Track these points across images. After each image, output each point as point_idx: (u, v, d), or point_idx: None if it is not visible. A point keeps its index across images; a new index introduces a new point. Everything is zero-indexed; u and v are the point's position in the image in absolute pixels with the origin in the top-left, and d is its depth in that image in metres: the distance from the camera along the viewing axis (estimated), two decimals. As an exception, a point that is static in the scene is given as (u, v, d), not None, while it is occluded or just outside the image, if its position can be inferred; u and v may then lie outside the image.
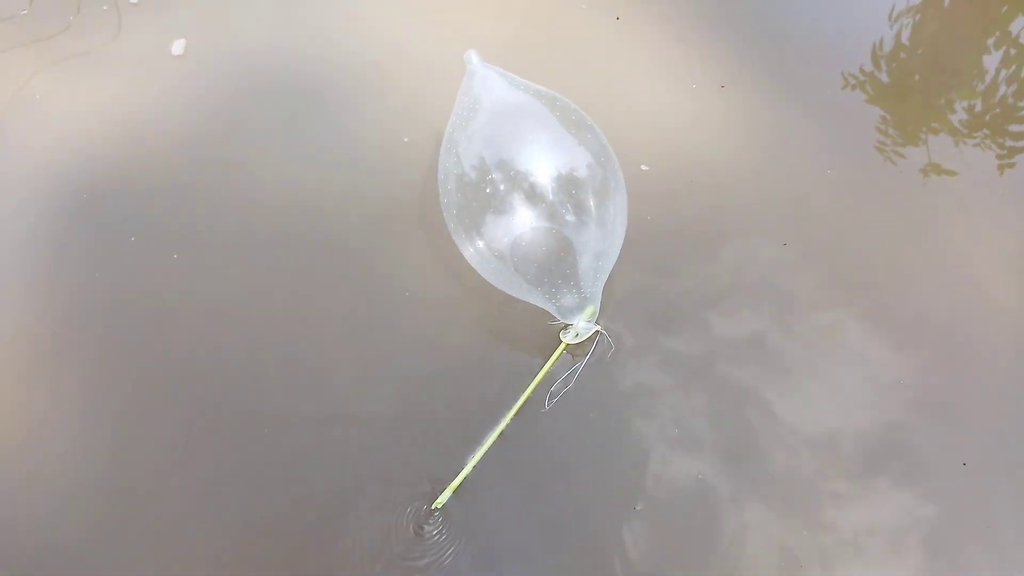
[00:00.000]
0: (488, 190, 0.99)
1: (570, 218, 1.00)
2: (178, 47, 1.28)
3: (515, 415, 0.98)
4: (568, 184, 1.00)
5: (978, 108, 1.33)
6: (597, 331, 1.02)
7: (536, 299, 1.01)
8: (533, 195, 0.99)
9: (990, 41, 1.40)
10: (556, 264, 1.00)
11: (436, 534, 0.90)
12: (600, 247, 1.01)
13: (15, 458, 0.94)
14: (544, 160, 0.99)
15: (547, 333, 1.03)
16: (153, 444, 0.96)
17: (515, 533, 0.93)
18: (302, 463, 0.95)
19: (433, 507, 0.91)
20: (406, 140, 1.20)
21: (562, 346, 1.02)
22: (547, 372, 1.00)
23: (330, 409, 0.98)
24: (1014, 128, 1.30)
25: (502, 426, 0.97)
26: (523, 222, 0.99)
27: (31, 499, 0.92)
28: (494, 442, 0.96)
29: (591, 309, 1.01)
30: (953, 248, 1.17)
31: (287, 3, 1.33)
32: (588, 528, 0.94)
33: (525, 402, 0.99)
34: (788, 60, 1.34)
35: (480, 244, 1.00)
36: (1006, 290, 1.13)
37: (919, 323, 1.10)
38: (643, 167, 1.19)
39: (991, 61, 1.37)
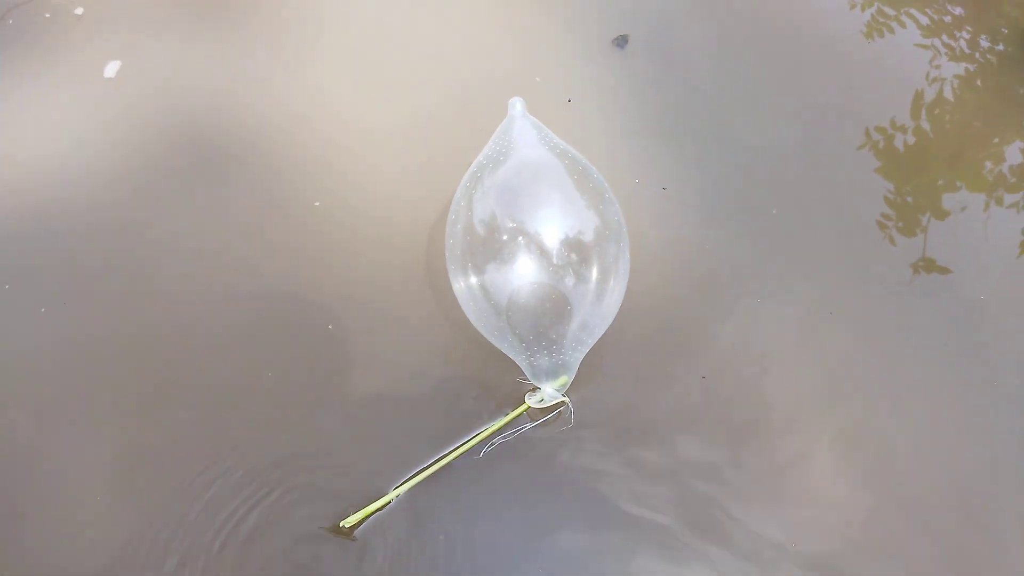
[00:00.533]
0: (503, 237, 0.97)
1: (570, 281, 0.97)
2: (112, 69, 1.21)
3: (456, 459, 0.95)
4: (576, 249, 0.98)
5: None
6: (563, 402, 1.00)
7: (514, 352, 0.98)
8: (540, 253, 0.97)
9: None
10: (545, 322, 0.97)
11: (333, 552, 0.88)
12: (590, 319, 0.99)
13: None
14: (557, 223, 0.98)
15: (514, 390, 1.00)
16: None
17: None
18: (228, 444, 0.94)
19: (341, 524, 0.89)
20: (317, 204, 1.14)
21: (523, 407, 0.99)
22: (499, 428, 0.98)
23: (269, 402, 0.97)
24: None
25: (433, 467, 0.94)
26: (524, 275, 0.97)
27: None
28: (420, 480, 0.93)
29: (564, 379, 0.98)
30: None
31: (234, 46, 1.28)
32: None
33: (468, 449, 0.96)
34: (729, 172, 1.24)
35: (474, 282, 0.98)
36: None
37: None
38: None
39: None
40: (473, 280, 0.97)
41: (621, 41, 1.28)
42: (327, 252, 1.10)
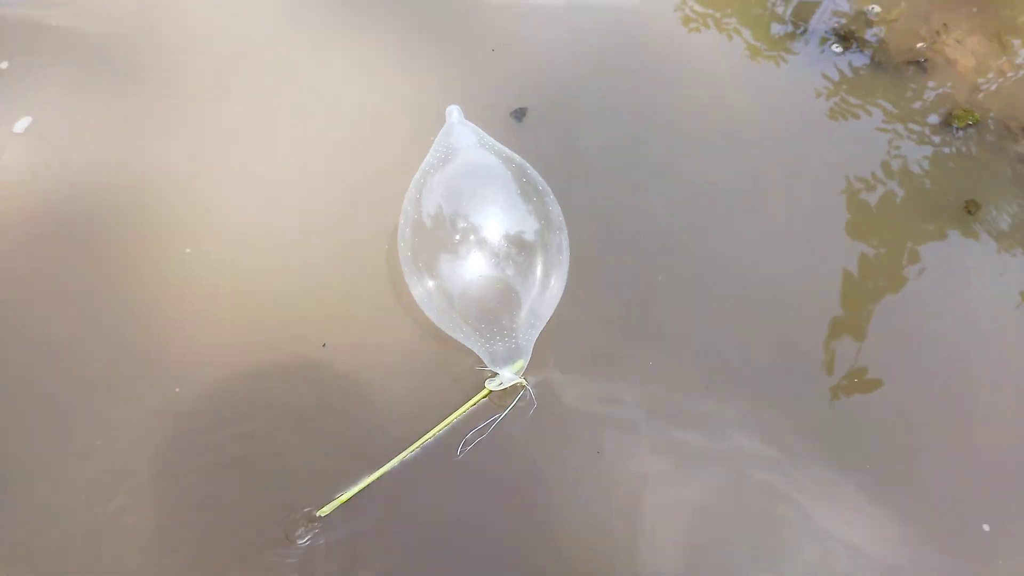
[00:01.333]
0: (453, 236, 1.05)
1: (511, 273, 1.04)
2: (21, 125, 1.26)
3: (425, 447, 1.02)
4: (519, 244, 1.05)
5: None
6: (522, 384, 1.05)
7: (471, 341, 1.05)
8: (486, 248, 1.05)
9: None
10: (496, 311, 1.04)
11: (309, 540, 0.94)
12: (537, 306, 1.05)
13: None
14: (499, 219, 1.06)
15: (474, 378, 1.07)
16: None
17: (386, 560, 0.95)
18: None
19: (317, 514, 0.95)
20: (188, 251, 1.19)
21: (485, 392, 1.04)
22: (463, 414, 1.04)
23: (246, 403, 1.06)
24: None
25: (403, 455, 1.00)
26: (473, 270, 1.04)
27: None
28: (392, 467, 0.99)
29: (521, 363, 1.04)
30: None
31: (142, 120, 1.33)
32: None
33: (436, 436, 1.02)
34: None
35: (430, 284, 1.06)
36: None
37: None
38: None
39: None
40: (427, 278, 1.05)
41: (519, 114, 1.32)
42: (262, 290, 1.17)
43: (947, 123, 1.43)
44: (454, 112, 1.16)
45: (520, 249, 1.06)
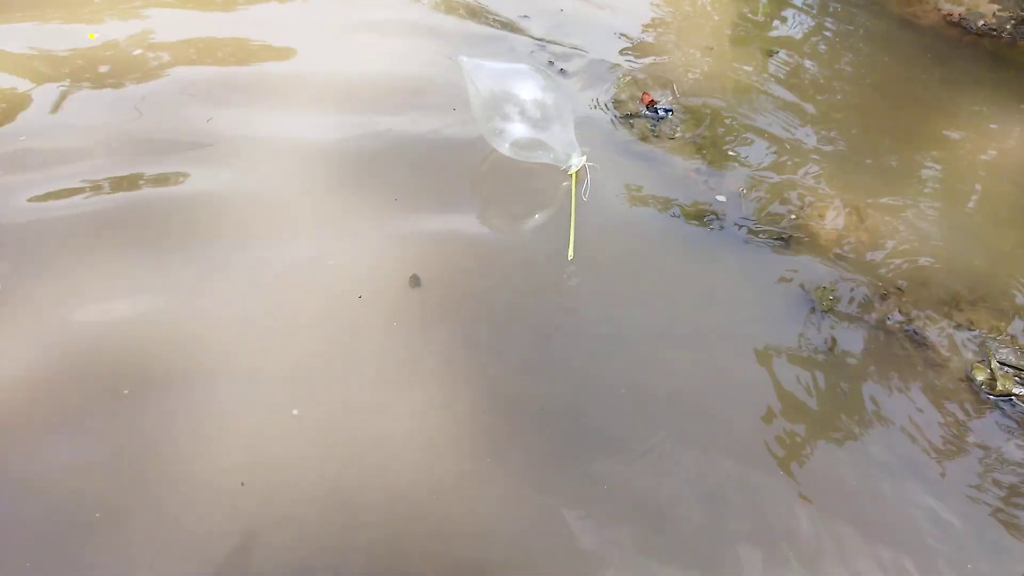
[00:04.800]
0: (500, 114, 1.78)
1: (537, 116, 1.80)
2: None
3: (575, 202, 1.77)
4: (539, 104, 1.81)
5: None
6: (587, 162, 1.81)
7: (543, 159, 1.80)
8: (523, 115, 1.78)
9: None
10: (542, 147, 1.79)
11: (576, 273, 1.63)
12: (561, 129, 1.82)
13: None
14: (525, 91, 1.79)
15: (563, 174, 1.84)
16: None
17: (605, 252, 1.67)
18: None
19: (570, 259, 1.63)
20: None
21: (574, 174, 1.82)
22: (576, 184, 1.80)
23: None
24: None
25: (572, 214, 1.74)
26: (519, 131, 1.78)
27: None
28: (575, 220, 1.73)
29: (576, 152, 1.80)
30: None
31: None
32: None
33: (576, 196, 1.78)
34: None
35: (505, 146, 1.78)
36: None
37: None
38: None
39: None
40: (502, 143, 1.78)
41: (415, 281, 1.55)
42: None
43: (813, 309, 1.59)
44: (464, 59, 1.83)
45: (544, 97, 1.80)
